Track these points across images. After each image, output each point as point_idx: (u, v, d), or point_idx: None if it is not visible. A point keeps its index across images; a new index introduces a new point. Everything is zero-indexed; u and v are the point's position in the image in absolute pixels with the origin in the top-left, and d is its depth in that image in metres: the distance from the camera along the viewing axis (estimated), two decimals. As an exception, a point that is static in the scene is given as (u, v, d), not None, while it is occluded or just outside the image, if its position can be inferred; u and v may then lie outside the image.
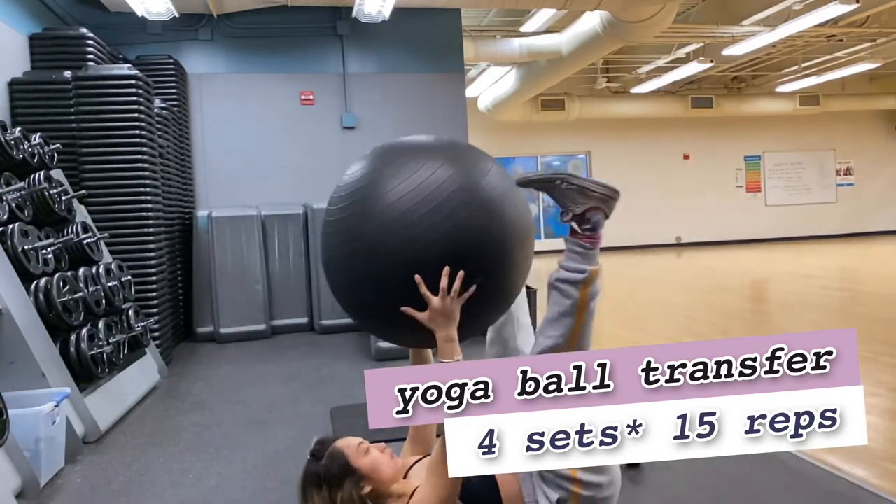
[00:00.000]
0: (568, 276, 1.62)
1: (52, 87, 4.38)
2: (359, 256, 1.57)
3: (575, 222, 1.64)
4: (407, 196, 1.52)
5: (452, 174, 1.56)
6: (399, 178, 1.55)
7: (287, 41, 6.48)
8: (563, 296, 1.61)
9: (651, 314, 6.34)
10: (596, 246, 1.65)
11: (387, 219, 1.52)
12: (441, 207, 1.51)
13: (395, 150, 1.69)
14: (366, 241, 1.54)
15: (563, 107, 12.97)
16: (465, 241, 1.52)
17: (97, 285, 3.57)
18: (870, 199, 15.34)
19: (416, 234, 1.50)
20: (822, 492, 2.23)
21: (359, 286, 1.61)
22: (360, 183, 1.61)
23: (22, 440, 2.43)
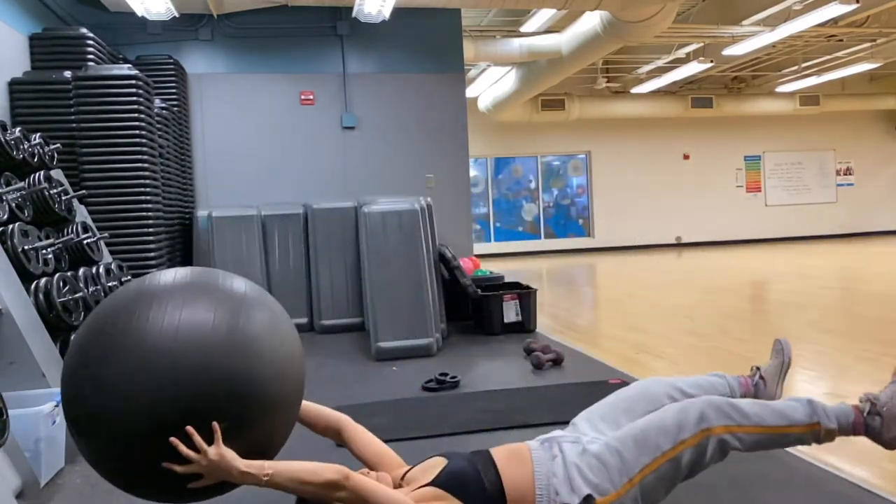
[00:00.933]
0: (820, 410, 1.72)
1: (52, 87, 4.38)
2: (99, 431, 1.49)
3: (868, 410, 1.74)
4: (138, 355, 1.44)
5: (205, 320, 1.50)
6: (149, 319, 1.47)
7: (287, 41, 6.48)
8: (798, 411, 1.71)
9: (651, 314, 6.34)
10: (852, 434, 1.76)
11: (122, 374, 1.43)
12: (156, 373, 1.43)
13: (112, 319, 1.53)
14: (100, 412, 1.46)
15: (563, 107, 12.97)
16: (183, 395, 1.44)
17: (97, 285, 3.57)
18: (870, 199, 15.34)
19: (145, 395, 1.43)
20: (822, 492, 2.23)
21: (130, 476, 1.57)
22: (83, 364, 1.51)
23: (22, 440, 2.43)
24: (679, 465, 1.66)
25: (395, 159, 6.65)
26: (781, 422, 1.69)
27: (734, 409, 1.68)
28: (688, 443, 1.65)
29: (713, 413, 1.67)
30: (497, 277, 5.85)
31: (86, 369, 1.49)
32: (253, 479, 1.49)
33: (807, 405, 1.72)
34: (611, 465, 1.65)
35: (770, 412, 1.70)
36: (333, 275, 5.70)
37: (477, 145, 11.41)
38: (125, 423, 1.44)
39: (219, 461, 1.46)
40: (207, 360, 1.46)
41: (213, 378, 1.46)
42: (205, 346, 1.47)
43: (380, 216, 4.59)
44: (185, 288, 1.59)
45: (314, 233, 5.75)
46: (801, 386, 3.81)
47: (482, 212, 14.29)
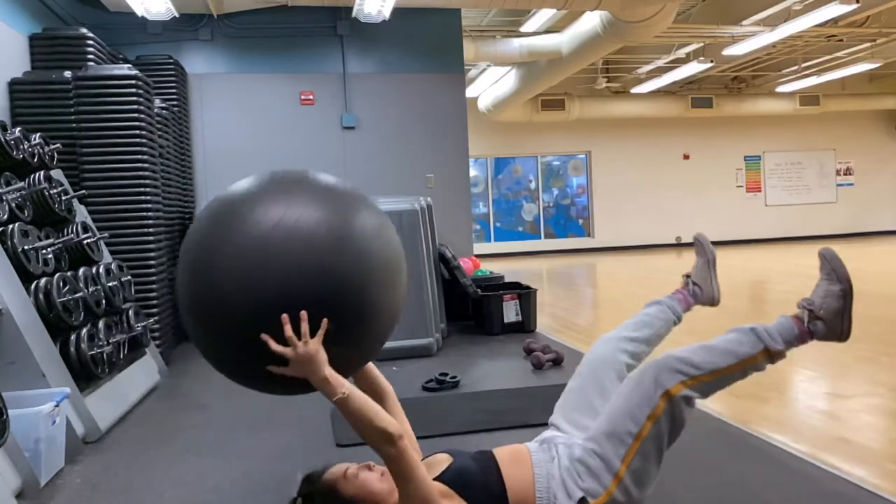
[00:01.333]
0: (763, 334, 1.70)
1: (52, 87, 4.38)
2: (217, 309, 1.49)
3: (808, 318, 1.73)
4: (257, 242, 1.46)
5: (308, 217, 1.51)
6: (248, 229, 1.48)
7: (287, 41, 6.48)
8: (744, 343, 1.70)
9: (651, 314, 6.33)
10: (799, 343, 1.75)
11: (235, 264, 1.45)
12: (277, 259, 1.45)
13: (234, 203, 1.57)
14: (218, 295, 1.47)
15: (563, 107, 12.98)
16: (301, 284, 1.45)
17: (97, 285, 3.57)
18: (870, 199, 15.34)
19: (257, 282, 1.44)
20: (822, 492, 2.23)
21: (220, 343, 1.55)
22: (206, 239, 1.54)
23: (22, 440, 2.43)
24: (657, 436, 1.65)
25: (395, 159, 6.64)
26: (732, 360, 1.69)
27: (684, 363, 1.67)
28: (654, 415, 1.64)
29: (665, 376, 1.66)
30: (497, 277, 5.85)
31: (207, 244, 1.51)
32: (330, 389, 1.50)
33: (750, 334, 1.72)
34: (594, 467, 1.65)
35: (719, 354, 1.69)
36: (333, 275, 5.69)
37: (477, 145, 11.40)
38: (244, 298, 1.44)
39: (313, 355, 1.46)
40: (321, 261, 1.47)
41: (329, 281, 1.47)
42: (317, 246, 1.48)
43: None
44: (289, 187, 1.60)
45: (314, 233, 5.74)
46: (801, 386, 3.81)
47: (482, 212, 14.29)
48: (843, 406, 3.29)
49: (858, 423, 3.03)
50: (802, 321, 1.75)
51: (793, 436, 2.81)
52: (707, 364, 1.66)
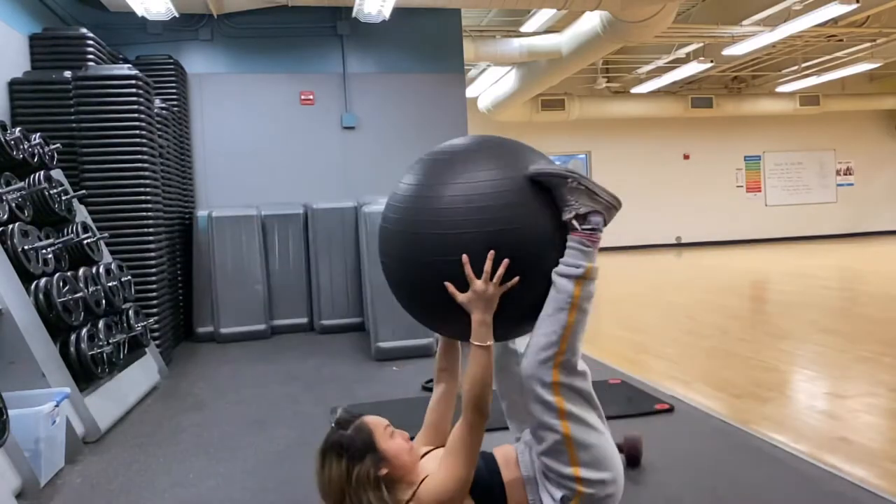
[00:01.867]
0: (565, 271, 1.64)
1: (52, 87, 4.38)
2: (412, 248, 1.69)
3: (576, 221, 1.67)
4: (459, 197, 1.63)
5: (502, 174, 1.66)
6: (451, 180, 1.67)
7: (287, 41, 6.48)
8: (559, 291, 1.64)
9: (651, 314, 6.34)
10: (595, 245, 1.68)
11: (440, 216, 1.64)
12: (488, 209, 1.61)
13: (445, 155, 1.80)
14: (419, 235, 1.67)
15: (563, 107, 12.97)
16: (508, 242, 1.60)
17: (97, 285, 3.57)
18: (870, 199, 15.34)
19: (464, 229, 1.61)
20: (822, 492, 2.23)
21: (410, 275, 1.73)
22: (417, 188, 1.73)
23: (22, 440, 2.43)
24: (580, 422, 1.63)
25: (395, 159, 6.62)
26: (565, 314, 1.62)
27: (539, 352, 1.62)
28: (562, 410, 1.61)
29: (540, 374, 1.62)
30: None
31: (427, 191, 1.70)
32: (484, 333, 1.60)
33: (559, 280, 1.64)
34: (555, 480, 1.65)
35: (552, 318, 1.63)
36: (333, 275, 5.70)
37: (477, 145, 11.38)
38: (449, 234, 1.62)
39: (491, 295, 1.58)
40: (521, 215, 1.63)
41: (527, 236, 1.63)
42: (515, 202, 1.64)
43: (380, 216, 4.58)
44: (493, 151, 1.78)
45: (314, 233, 5.75)
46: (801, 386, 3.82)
47: (482, 212, 14.28)
48: (843, 406, 3.29)
49: (858, 423, 3.03)
50: (577, 229, 1.67)
51: (793, 436, 2.81)
52: (553, 335, 1.62)
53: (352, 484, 1.58)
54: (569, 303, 1.63)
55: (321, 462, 1.63)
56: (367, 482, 1.57)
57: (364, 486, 1.57)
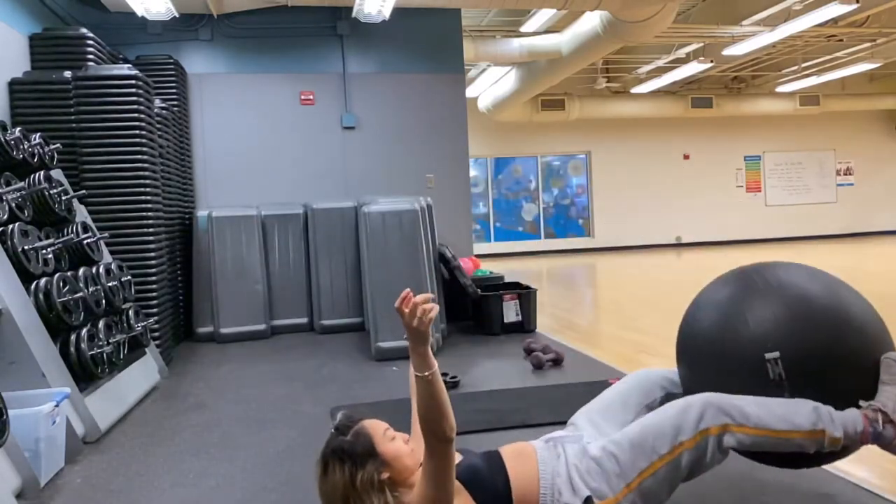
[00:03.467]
0: (827, 418, 1.64)
1: (52, 87, 4.38)
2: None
3: (881, 419, 1.65)
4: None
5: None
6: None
7: (287, 41, 6.48)
8: (805, 417, 1.64)
9: (651, 314, 6.34)
10: (861, 445, 1.70)
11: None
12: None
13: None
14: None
15: (563, 107, 12.97)
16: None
17: (97, 285, 3.57)
18: (870, 199, 15.34)
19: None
20: (822, 492, 2.23)
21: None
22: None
23: (22, 440, 2.43)
24: (678, 467, 1.64)
25: (395, 159, 6.65)
26: (783, 426, 1.63)
27: (735, 408, 1.64)
28: (685, 445, 1.63)
29: (712, 413, 1.64)
30: (497, 277, 5.86)
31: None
32: (421, 362, 1.52)
33: (812, 411, 1.64)
34: (608, 470, 1.64)
35: (773, 415, 1.64)
36: (333, 275, 5.70)
37: (477, 145, 11.41)
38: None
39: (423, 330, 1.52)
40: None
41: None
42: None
43: (380, 216, 4.59)
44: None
45: (314, 233, 5.75)
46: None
47: (482, 212, 14.29)
48: (843, 406, 3.28)
49: (858, 423, 3.02)
50: (872, 421, 1.64)
51: (793, 436, 2.81)
52: (756, 418, 1.62)
53: (356, 489, 1.57)
54: (795, 427, 1.66)
55: (323, 469, 1.62)
56: (370, 487, 1.57)
57: (368, 490, 1.57)
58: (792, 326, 1.72)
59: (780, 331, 1.72)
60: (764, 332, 1.73)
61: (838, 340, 1.71)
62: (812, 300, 1.79)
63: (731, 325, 1.80)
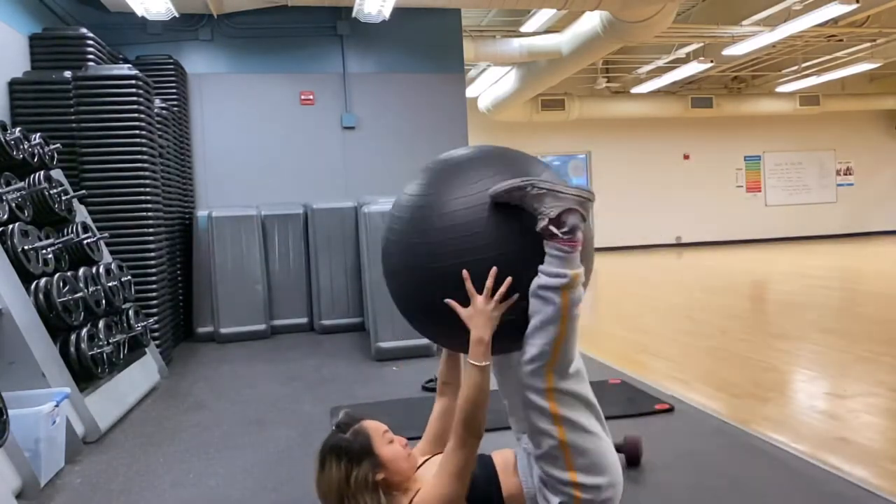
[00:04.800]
0: (548, 282, 1.57)
1: (52, 87, 4.38)
2: (417, 258, 1.67)
3: (552, 226, 1.57)
4: (464, 210, 1.62)
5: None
6: (458, 191, 1.65)
7: (287, 41, 6.48)
8: (545, 302, 1.58)
9: (651, 314, 6.34)
10: (576, 249, 1.59)
11: (446, 226, 1.62)
12: (493, 221, 1.60)
13: (450, 165, 1.78)
14: (424, 245, 1.65)
15: (563, 107, 12.97)
16: (513, 261, 1.59)
17: (97, 285, 3.57)
18: (870, 199, 15.34)
19: (470, 244, 1.60)
20: (822, 492, 2.23)
21: (413, 285, 1.71)
22: (422, 197, 1.71)
23: (22, 440, 2.43)
24: (575, 425, 1.60)
25: (395, 159, 6.64)
26: (556, 324, 1.57)
27: (532, 361, 1.59)
28: (556, 415, 1.59)
29: (533, 382, 1.60)
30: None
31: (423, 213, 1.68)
32: (483, 351, 1.58)
33: (545, 292, 1.58)
34: (552, 486, 1.64)
35: (544, 327, 1.58)
36: (333, 275, 5.70)
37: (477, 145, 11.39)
38: (447, 255, 1.61)
39: (489, 312, 1.57)
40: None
41: (528, 254, 1.60)
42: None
43: (380, 216, 4.59)
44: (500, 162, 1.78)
45: (314, 233, 5.75)
46: (801, 386, 3.81)
47: (482, 212, 14.27)
48: (843, 406, 3.28)
49: (858, 423, 3.03)
50: (555, 235, 1.58)
51: (793, 436, 2.81)
52: (545, 346, 1.58)
53: (350, 487, 1.58)
54: (558, 314, 1.57)
55: (320, 464, 1.64)
56: (364, 486, 1.58)
57: (361, 489, 1.58)
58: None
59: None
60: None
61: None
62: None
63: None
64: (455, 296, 1.60)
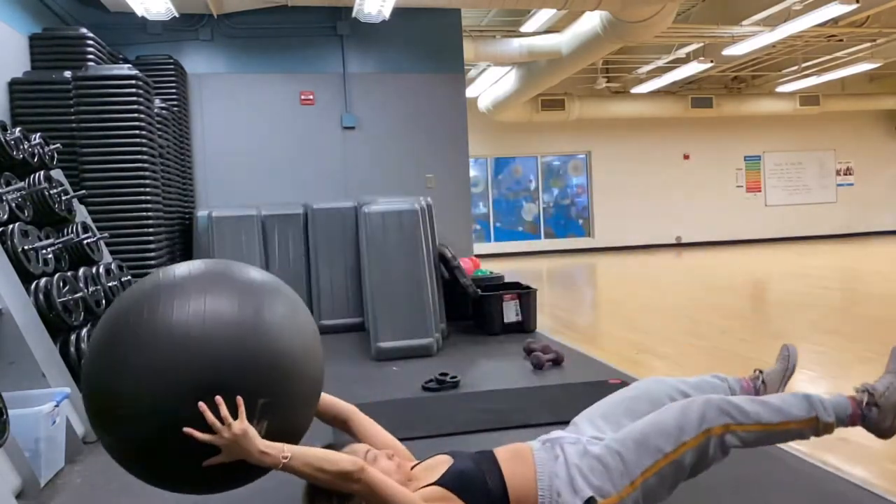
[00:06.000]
0: (818, 405, 1.72)
1: (52, 87, 4.38)
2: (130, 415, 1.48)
3: (866, 401, 1.75)
4: (176, 330, 1.48)
5: (227, 309, 1.54)
6: (175, 307, 1.51)
7: (287, 41, 6.48)
8: (798, 406, 1.71)
9: (651, 314, 6.34)
10: (849, 425, 1.77)
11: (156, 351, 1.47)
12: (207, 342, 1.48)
13: (162, 283, 1.61)
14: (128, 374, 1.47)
15: (563, 107, 12.97)
16: (230, 370, 1.48)
17: (97, 285, 3.57)
18: (870, 199, 15.34)
19: (180, 370, 1.46)
20: (822, 492, 2.23)
21: (144, 443, 1.51)
22: (131, 307, 1.55)
23: (22, 440, 2.43)
24: (681, 466, 1.66)
25: (395, 159, 6.64)
26: (779, 418, 1.70)
27: (733, 406, 1.68)
28: (689, 444, 1.65)
29: (713, 413, 1.67)
30: (497, 277, 5.85)
31: (115, 358, 1.50)
32: (272, 459, 1.49)
33: (803, 400, 1.73)
34: (611, 468, 1.64)
35: (768, 409, 1.70)
36: (333, 275, 5.70)
37: (477, 145, 11.40)
38: (160, 403, 1.45)
39: (241, 435, 1.45)
40: (236, 345, 1.50)
41: (242, 361, 1.49)
42: (231, 332, 1.51)
43: (380, 216, 4.59)
44: (206, 279, 1.63)
45: (314, 233, 5.75)
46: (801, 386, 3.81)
47: (482, 212, 14.29)
48: (843, 406, 3.28)
49: (858, 423, 3.02)
50: (859, 403, 1.76)
51: (793, 436, 2.81)
52: (755, 414, 1.68)
53: None
54: (789, 418, 1.70)
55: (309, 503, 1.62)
56: None
57: None
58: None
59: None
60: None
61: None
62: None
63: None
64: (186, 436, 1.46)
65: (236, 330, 1.52)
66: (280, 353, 1.56)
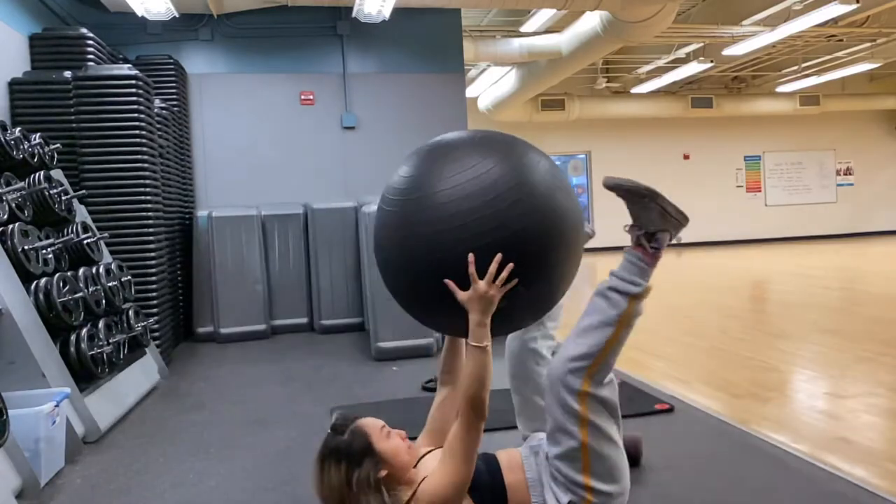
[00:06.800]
0: (621, 286, 1.65)
1: (52, 87, 4.38)
2: (412, 240, 1.63)
3: (644, 238, 1.68)
4: (459, 192, 1.58)
5: (504, 171, 1.61)
6: (453, 173, 1.61)
7: (287, 41, 6.48)
8: (610, 305, 1.64)
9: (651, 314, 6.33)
10: (654, 264, 1.68)
11: (441, 211, 1.59)
12: (492, 205, 1.56)
13: (445, 148, 1.73)
14: (419, 229, 1.61)
15: (563, 107, 12.97)
16: (512, 245, 1.57)
17: (97, 285, 3.57)
18: (870, 199, 15.33)
19: (467, 230, 1.56)
20: (822, 492, 2.23)
21: (408, 269, 1.67)
22: (415, 179, 1.67)
23: (22, 440, 2.43)
24: (599, 432, 1.63)
25: (395, 159, 6.54)
26: (611, 329, 1.65)
27: (574, 360, 1.63)
28: (584, 419, 1.62)
29: (569, 381, 1.63)
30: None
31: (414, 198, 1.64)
32: (482, 333, 1.58)
33: (611, 294, 1.68)
34: (564, 485, 1.65)
35: (597, 331, 1.65)
36: (333, 275, 5.70)
37: (477, 145, 11.38)
38: (447, 238, 1.58)
39: (492, 297, 1.55)
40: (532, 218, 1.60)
41: (530, 237, 1.59)
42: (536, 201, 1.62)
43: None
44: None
45: (314, 233, 5.75)
46: (801, 386, 3.81)
47: (482, 212, 14.27)
48: (843, 406, 3.28)
49: (858, 423, 3.03)
50: (643, 246, 1.72)
51: (793, 436, 2.81)
52: (593, 347, 1.63)
53: (352, 489, 1.57)
54: (617, 319, 1.63)
55: (320, 469, 1.62)
56: (367, 486, 1.57)
57: (364, 490, 1.57)
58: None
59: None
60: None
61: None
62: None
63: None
64: (453, 280, 1.59)
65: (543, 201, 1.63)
66: (552, 237, 1.64)
